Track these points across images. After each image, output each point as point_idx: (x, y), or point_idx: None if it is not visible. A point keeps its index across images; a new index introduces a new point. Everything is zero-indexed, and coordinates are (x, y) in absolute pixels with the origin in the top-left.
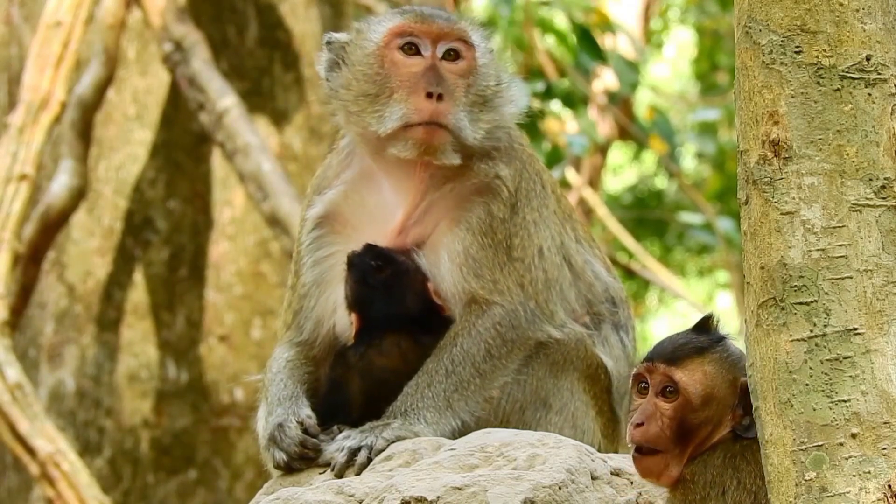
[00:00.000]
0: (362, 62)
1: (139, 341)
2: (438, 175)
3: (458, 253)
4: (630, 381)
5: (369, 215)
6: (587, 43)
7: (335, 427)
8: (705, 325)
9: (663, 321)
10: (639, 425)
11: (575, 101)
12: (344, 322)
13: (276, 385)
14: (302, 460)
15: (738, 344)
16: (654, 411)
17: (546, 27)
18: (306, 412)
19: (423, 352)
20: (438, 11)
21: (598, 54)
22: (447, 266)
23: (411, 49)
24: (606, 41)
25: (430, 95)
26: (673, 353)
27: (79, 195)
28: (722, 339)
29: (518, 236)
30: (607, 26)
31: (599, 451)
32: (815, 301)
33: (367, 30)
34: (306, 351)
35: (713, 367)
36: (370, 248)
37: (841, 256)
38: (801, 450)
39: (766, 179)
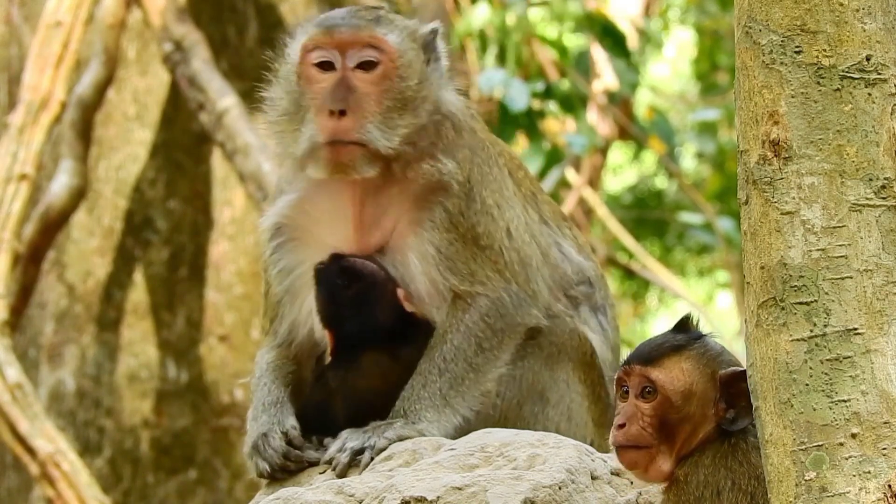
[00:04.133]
0: (284, 80)
1: (139, 341)
2: (370, 180)
3: (429, 253)
4: (613, 386)
5: (323, 221)
6: (611, 39)
7: (317, 438)
8: (684, 325)
9: (663, 321)
10: (620, 427)
11: (574, 104)
12: (320, 326)
13: (261, 390)
14: (284, 472)
15: (720, 340)
16: (634, 412)
17: (548, 42)
18: (291, 422)
19: (405, 367)
20: (349, 17)
21: (624, 51)
22: (420, 268)
23: (325, 63)
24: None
25: (331, 113)
26: (649, 353)
27: (79, 195)
28: (701, 336)
29: (481, 224)
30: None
31: (594, 439)
32: (815, 301)
33: (289, 46)
34: (286, 352)
35: (690, 363)
36: (336, 261)
37: (841, 256)
38: (801, 450)
39: (766, 179)
